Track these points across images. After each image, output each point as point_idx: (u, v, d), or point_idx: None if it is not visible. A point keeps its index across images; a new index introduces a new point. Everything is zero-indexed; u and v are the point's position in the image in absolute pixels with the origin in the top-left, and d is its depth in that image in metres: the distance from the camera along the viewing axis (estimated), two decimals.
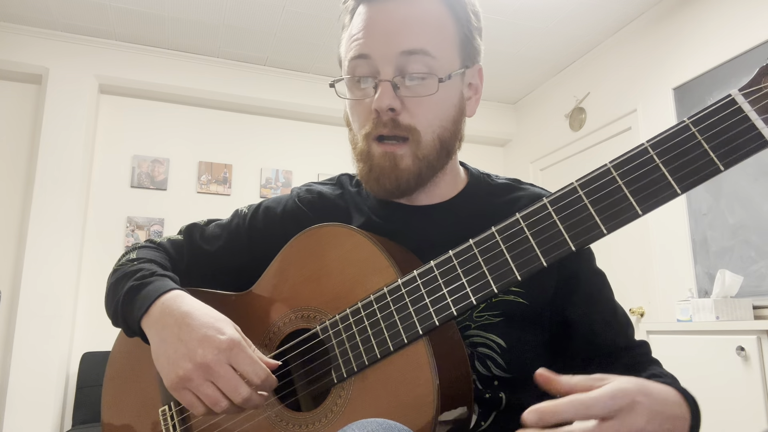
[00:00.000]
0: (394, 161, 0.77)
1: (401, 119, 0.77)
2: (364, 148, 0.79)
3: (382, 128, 0.77)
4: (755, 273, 2.65)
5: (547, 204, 0.61)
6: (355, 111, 0.81)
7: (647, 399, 0.56)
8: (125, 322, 0.80)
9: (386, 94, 0.75)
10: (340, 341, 0.71)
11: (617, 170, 0.57)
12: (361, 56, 0.77)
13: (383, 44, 0.76)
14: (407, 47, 0.75)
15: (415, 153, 0.77)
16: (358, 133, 0.81)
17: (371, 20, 0.78)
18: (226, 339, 0.67)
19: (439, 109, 0.79)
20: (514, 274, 0.62)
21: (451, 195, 0.86)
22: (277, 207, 0.93)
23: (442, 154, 0.80)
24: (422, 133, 0.77)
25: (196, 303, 0.74)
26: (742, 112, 0.53)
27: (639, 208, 0.56)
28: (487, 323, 0.78)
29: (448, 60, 0.78)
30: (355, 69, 0.79)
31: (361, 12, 0.80)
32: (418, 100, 0.77)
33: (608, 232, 0.57)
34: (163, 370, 0.71)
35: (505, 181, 0.89)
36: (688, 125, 0.55)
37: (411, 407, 0.63)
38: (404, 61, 0.76)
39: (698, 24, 3.03)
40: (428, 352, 0.64)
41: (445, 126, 0.80)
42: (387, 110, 0.76)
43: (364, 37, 0.78)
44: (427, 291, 0.66)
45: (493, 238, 0.64)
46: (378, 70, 0.77)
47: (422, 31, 0.76)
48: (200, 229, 0.95)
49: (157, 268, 0.83)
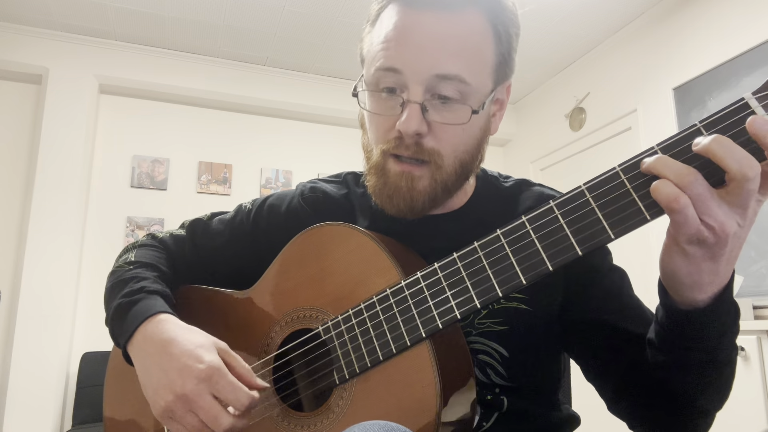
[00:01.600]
0: (411, 183, 0.73)
1: (425, 142, 0.72)
2: (380, 163, 0.75)
3: (404, 150, 0.72)
4: (755, 273, 2.65)
5: (553, 207, 0.59)
6: (374, 122, 0.76)
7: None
8: (115, 339, 0.80)
9: (414, 118, 0.70)
10: (342, 342, 0.70)
11: (626, 174, 0.56)
12: (390, 69, 0.71)
13: (416, 62, 0.70)
14: (442, 71, 0.69)
15: (434, 176, 0.73)
16: (375, 146, 0.76)
17: (406, 30, 0.71)
18: (204, 368, 0.66)
19: (467, 135, 0.74)
20: (519, 279, 0.61)
21: (460, 204, 0.84)
22: (281, 205, 0.92)
23: (461, 178, 0.77)
24: (445, 157, 0.73)
25: (178, 328, 0.73)
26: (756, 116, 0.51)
27: (647, 213, 0.55)
28: (489, 331, 0.77)
29: (482, 84, 0.73)
30: (381, 79, 0.73)
31: (393, 13, 0.72)
32: (447, 126, 0.72)
33: (616, 237, 0.56)
34: (150, 400, 0.71)
35: (513, 183, 0.87)
36: (700, 129, 0.53)
37: (413, 409, 0.63)
38: (437, 83, 0.70)
39: (698, 24, 3.03)
40: (431, 355, 0.64)
41: (468, 150, 0.75)
42: (413, 134, 0.71)
43: (396, 48, 0.71)
44: (430, 293, 0.65)
45: (498, 241, 0.62)
46: (407, 86, 0.71)
47: (460, 55, 0.70)
48: (203, 225, 0.94)
49: (150, 278, 0.82)
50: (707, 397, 0.65)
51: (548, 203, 0.60)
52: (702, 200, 0.51)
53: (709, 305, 0.58)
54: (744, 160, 0.49)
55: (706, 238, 0.52)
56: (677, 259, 0.55)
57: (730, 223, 0.52)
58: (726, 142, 0.50)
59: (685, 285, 0.57)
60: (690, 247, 0.54)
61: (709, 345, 0.60)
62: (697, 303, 0.58)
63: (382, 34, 0.73)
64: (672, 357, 0.63)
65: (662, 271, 0.59)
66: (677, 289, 0.58)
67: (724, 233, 0.52)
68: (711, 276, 0.56)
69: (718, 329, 0.59)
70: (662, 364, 0.65)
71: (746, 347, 2.32)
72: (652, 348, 0.66)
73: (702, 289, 0.56)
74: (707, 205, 0.51)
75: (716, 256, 0.54)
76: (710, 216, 0.51)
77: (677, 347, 0.62)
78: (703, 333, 0.59)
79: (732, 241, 0.53)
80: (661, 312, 0.62)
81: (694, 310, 0.58)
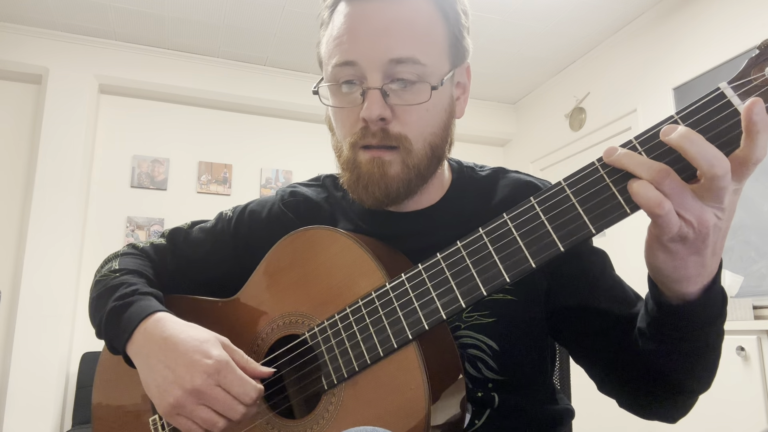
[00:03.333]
0: (383, 168, 0.73)
1: (391, 128, 0.73)
2: (350, 157, 0.75)
3: (371, 138, 0.73)
4: (755, 273, 2.65)
5: (534, 204, 0.60)
6: (339, 118, 0.77)
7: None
8: (110, 343, 0.79)
9: (376, 103, 0.71)
10: (329, 347, 0.70)
11: (605, 168, 0.56)
12: (347, 63, 0.72)
13: (370, 50, 0.71)
14: (396, 55, 0.70)
15: (405, 161, 0.74)
16: (343, 142, 0.76)
17: (355, 22, 0.72)
18: (213, 362, 0.67)
19: (431, 116, 0.75)
20: (503, 276, 0.61)
21: (437, 198, 0.84)
22: (261, 211, 0.91)
23: (433, 161, 0.77)
24: (413, 141, 0.74)
25: (179, 325, 0.73)
26: (732, 106, 0.52)
27: (627, 207, 0.55)
28: (477, 323, 0.76)
29: (438, 64, 0.74)
30: (339, 74, 0.74)
31: (342, 11, 0.74)
32: (409, 107, 0.72)
33: (597, 232, 0.56)
34: (155, 398, 0.71)
35: (489, 172, 0.87)
36: (677, 120, 0.53)
37: (403, 412, 0.63)
38: (393, 68, 0.71)
39: (698, 24, 3.02)
40: (418, 356, 0.63)
41: (435, 132, 0.76)
42: (377, 120, 0.71)
43: (349, 41, 0.72)
44: (415, 295, 0.65)
45: (481, 240, 0.62)
46: (365, 76, 0.72)
47: (411, 37, 0.71)
48: (184, 234, 0.94)
49: (139, 283, 0.82)
50: (696, 379, 0.66)
51: (529, 200, 0.60)
52: (678, 197, 0.51)
53: (699, 297, 0.58)
54: (714, 159, 0.49)
55: (686, 234, 0.52)
56: (661, 256, 0.56)
57: (707, 217, 0.52)
58: (696, 139, 0.50)
59: (672, 279, 0.57)
60: (672, 244, 0.54)
61: (700, 333, 0.61)
62: (687, 296, 0.58)
63: (334, 31, 0.75)
64: (663, 346, 0.64)
65: (648, 267, 0.59)
66: (665, 284, 0.59)
67: (704, 227, 0.52)
68: (698, 269, 0.56)
69: (708, 318, 0.60)
70: (654, 351, 0.66)
71: (746, 347, 2.31)
72: (643, 337, 0.66)
73: (690, 281, 0.57)
74: (683, 201, 0.51)
75: (700, 249, 0.54)
76: (688, 211, 0.52)
77: (669, 337, 0.63)
78: (693, 323, 0.60)
79: (714, 234, 0.53)
80: (651, 304, 0.62)
81: (684, 303, 0.59)
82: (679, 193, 0.51)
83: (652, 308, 0.62)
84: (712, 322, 0.60)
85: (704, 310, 0.59)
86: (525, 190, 0.82)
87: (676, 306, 0.59)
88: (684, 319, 0.60)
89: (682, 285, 0.57)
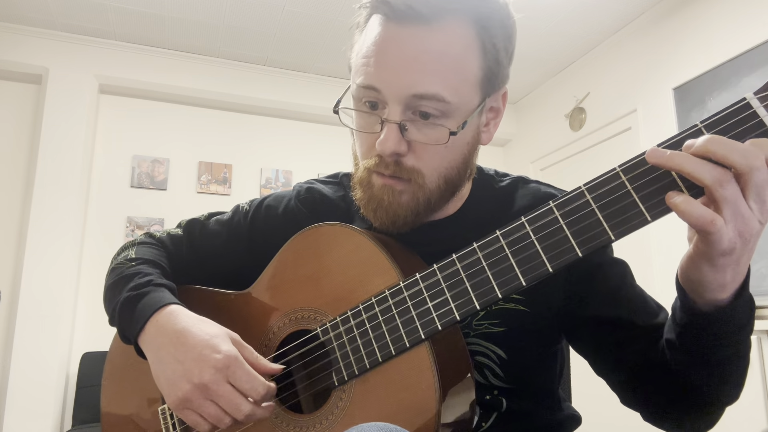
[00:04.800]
0: (392, 196, 0.72)
1: (405, 161, 0.71)
2: (365, 178, 0.74)
3: (384, 168, 0.72)
4: (755, 273, 2.65)
5: (553, 208, 0.59)
6: (358, 138, 0.76)
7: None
8: (122, 332, 0.80)
9: (391, 139, 0.69)
10: (341, 343, 0.70)
11: (626, 174, 0.55)
12: (370, 87, 0.70)
13: (393, 81, 0.68)
14: (420, 91, 0.67)
15: (416, 193, 0.73)
16: (360, 161, 0.76)
17: (385, 47, 0.69)
18: (221, 357, 0.67)
19: (449, 153, 0.72)
20: (519, 280, 0.60)
21: (455, 209, 0.83)
22: (278, 206, 0.92)
23: (446, 193, 0.76)
24: (427, 177, 0.72)
25: (191, 318, 0.73)
26: (757, 117, 0.51)
27: (649, 214, 0.54)
28: (487, 332, 0.76)
29: (466, 101, 0.70)
30: (363, 95, 0.72)
31: (375, 27, 0.71)
32: (427, 145, 0.70)
33: (616, 239, 0.55)
34: (164, 391, 0.71)
35: (509, 182, 0.85)
36: (701, 129, 0.53)
37: (413, 411, 0.63)
38: (415, 102, 0.68)
39: (698, 24, 3.02)
40: (431, 356, 0.63)
41: (453, 167, 0.74)
42: (391, 155, 0.70)
43: (375, 66, 0.69)
44: (429, 295, 0.65)
45: (498, 242, 0.62)
46: (386, 104, 0.70)
47: (439, 73, 0.68)
48: (200, 225, 0.94)
49: (154, 274, 0.82)
50: (727, 389, 0.65)
51: (548, 204, 0.60)
52: (734, 204, 0.49)
53: (730, 303, 0.57)
54: (747, 152, 0.48)
55: (735, 245, 0.51)
56: (705, 269, 0.54)
57: (753, 224, 0.51)
58: (722, 139, 0.49)
59: (709, 289, 0.56)
60: (721, 258, 0.53)
61: (732, 340, 0.60)
62: (719, 302, 0.57)
63: (364, 47, 0.72)
64: (695, 356, 0.63)
65: (685, 279, 0.58)
66: (699, 293, 0.57)
67: (749, 235, 0.51)
68: (734, 275, 0.55)
69: (739, 323, 0.59)
70: (684, 362, 0.64)
71: None
72: (673, 349, 0.65)
73: (725, 289, 0.56)
74: (739, 208, 0.50)
75: (741, 257, 0.53)
76: (741, 220, 0.50)
77: (700, 346, 0.61)
78: (726, 330, 0.59)
79: (754, 239, 0.52)
80: (681, 314, 0.61)
81: (716, 309, 0.58)
82: (736, 199, 0.49)
83: (682, 317, 0.61)
84: (743, 326, 0.59)
85: (735, 314, 0.58)
86: (544, 201, 0.81)
87: (708, 313, 0.58)
88: (716, 325, 0.58)
89: (717, 293, 0.56)
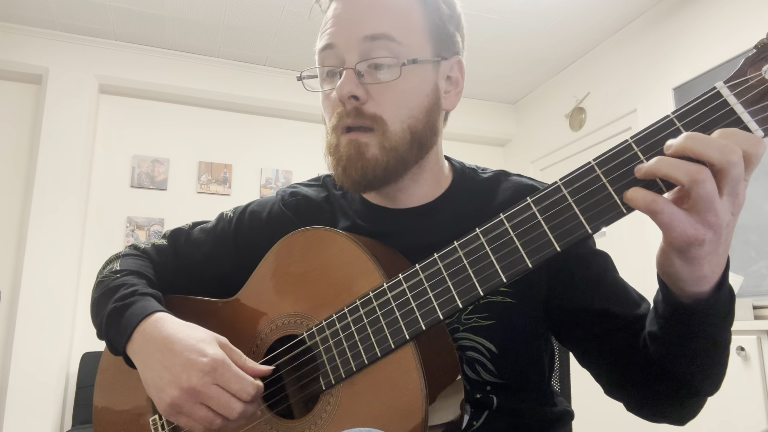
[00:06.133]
0: (359, 149, 0.74)
1: (366, 108, 0.74)
2: (333, 141, 0.77)
3: (347, 118, 0.74)
4: (755, 273, 2.65)
5: (531, 204, 0.59)
6: (324, 105, 0.80)
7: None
8: (111, 344, 0.80)
9: (348, 82, 0.73)
10: (327, 347, 0.70)
11: (601, 167, 0.56)
12: (328, 46, 0.76)
13: (347, 31, 0.75)
14: (370, 32, 0.73)
15: (382, 143, 0.74)
16: (329, 127, 0.78)
17: (338, 11, 0.77)
18: (208, 361, 0.67)
19: (407, 98, 0.75)
20: (499, 277, 0.60)
21: (436, 195, 0.84)
22: (262, 211, 0.92)
23: (414, 146, 0.77)
24: (389, 122, 0.74)
25: (177, 325, 0.73)
26: (728, 105, 0.51)
27: (623, 207, 0.54)
28: (476, 326, 0.76)
29: (416, 46, 0.76)
30: (324, 60, 0.78)
31: (331, 7, 0.79)
32: (383, 87, 0.74)
33: (593, 232, 0.56)
34: (154, 398, 0.71)
35: (491, 175, 0.86)
36: (673, 120, 0.53)
37: (400, 413, 0.63)
38: (368, 47, 0.74)
39: (698, 24, 3.02)
40: (416, 357, 0.63)
41: (415, 116, 0.76)
42: (349, 98, 0.73)
43: (331, 26, 0.77)
44: (413, 295, 0.65)
45: (478, 240, 0.62)
46: (343, 59, 0.75)
47: (386, 16, 0.75)
48: (185, 234, 0.94)
49: (139, 284, 0.82)
50: (708, 379, 0.66)
51: (525, 200, 0.60)
52: (711, 201, 0.50)
53: (711, 295, 0.58)
54: (724, 147, 0.49)
55: (704, 237, 0.52)
56: (678, 262, 0.55)
57: (725, 215, 0.51)
58: (698, 136, 0.50)
59: (688, 282, 0.57)
60: (692, 250, 0.53)
61: (713, 331, 0.61)
62: (700, 294, 0.58)
63: (323, 22, 0.80)
64: (677, 347, 0.63)
65: (662, 273, 0.59)
66: (680, 286, 0.58)
67: (719, 227, 0.52)
68: (712, 267, 0.56)
69: (720, 314, 0.59)
70: (666, 354, 0.65)
71: (746, 347, 2.31)
72: (655, 341, 0.66)
73: (705, 281, 0.57)
74: (713, 202, 0.50)
75: (716, 249, 0.54)
76: (714, 213, 0.51)
77: (682, 338, 0.62)
78: (707, 321, 0.59)
79: (726, 231, 0.53)
80: (663, 306, 0.62)
81: (697, 302, 0.58)
82: (712, 195, 0.50)
83: (665, 310, 0.62)
84: (724, 316, 0.60)
85: (717, 305, 0.58)
86: (526, 194, 0.82)
87: (689, 305, 0.59)
88: (698, 317, 0.59)
89: (698, 285, 0.57)
